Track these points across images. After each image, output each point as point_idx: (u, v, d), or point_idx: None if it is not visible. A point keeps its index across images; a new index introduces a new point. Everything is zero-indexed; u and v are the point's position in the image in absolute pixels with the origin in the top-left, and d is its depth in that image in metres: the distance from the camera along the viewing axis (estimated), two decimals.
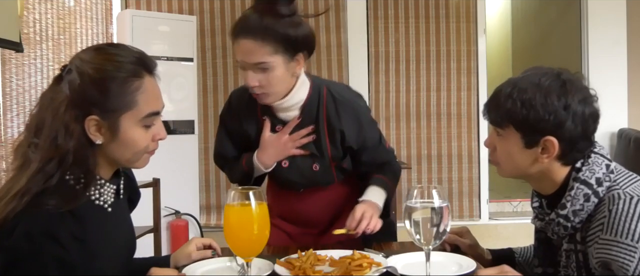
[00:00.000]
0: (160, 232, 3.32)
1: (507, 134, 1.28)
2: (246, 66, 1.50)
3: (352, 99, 1.67)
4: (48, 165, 1.07)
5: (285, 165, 1.68)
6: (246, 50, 1.48)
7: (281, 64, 1.50)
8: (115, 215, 1.21)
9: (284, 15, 1.48)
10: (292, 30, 1.49)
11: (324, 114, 1.63)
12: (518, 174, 1.32)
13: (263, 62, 1.48)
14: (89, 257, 1.10)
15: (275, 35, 1.47)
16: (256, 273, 1.30)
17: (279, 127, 1.64)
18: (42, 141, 1.09)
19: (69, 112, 1.09)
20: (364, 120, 1.66)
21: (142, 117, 1.15)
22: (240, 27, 1.49)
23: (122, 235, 1.28)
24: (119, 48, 1.18)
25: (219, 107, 4.05)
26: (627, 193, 1.18)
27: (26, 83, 2.92)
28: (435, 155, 4.08)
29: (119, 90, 1.12)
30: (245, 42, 1.48)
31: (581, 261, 1.25)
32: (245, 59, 1.49)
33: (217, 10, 4.04)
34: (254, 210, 1.14)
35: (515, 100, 1.23)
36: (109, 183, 1.19)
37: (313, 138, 1.62)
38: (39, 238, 1.02)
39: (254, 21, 1.47)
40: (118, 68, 1.13)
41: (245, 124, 1.67)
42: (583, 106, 1.22)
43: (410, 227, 1.20)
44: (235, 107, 1.69)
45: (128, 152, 1.16)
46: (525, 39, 6.06)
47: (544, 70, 1.27)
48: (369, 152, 1.70)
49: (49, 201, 1.05)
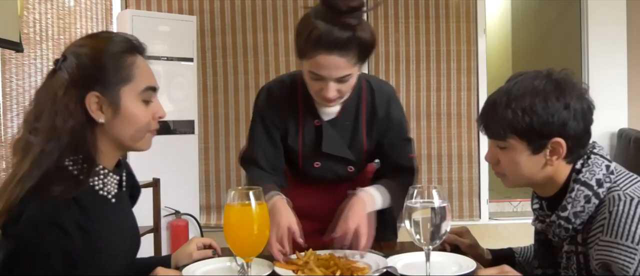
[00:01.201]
0: (160, 232, 3.32)
1: (511, 145, 1.26)
2: (328, 79, 1.46)
3: (389, 91, 1.69)
4: (48, 145, 1.09)
5: (317, 166, 1.68)
6: (333, 66, 1.43)
7: (357, 71, 1.50)
8: (118, 207, 1.22)
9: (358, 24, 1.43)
10: (367, 38, 1.45)
11: (363, 108, 1.64)
12: (526, 182, 1.31)
13: (348, 74, 1.46)
14: (92, 248, 1.11)
15: (358, 46, 1.43)
16: (256, 273, 1.30)
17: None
18: (41, 124, 1.11)
19: (68, 94, 1.12)
20: (393, 111, 1.66)
21: (140, 91, 1.18)
22: (324, 42, 1.41)
23: (126, 227, 1.29)
24: (110, 32, 1.24)
25: (219, 107, 4.06)
26: (628, 195, 1.18)
27: (26, 83, 2.92)
28: (435, 155, 4.08)
29: (115, 64, 1.15)
30: (331, 58, 1.42)
31: (582, 263, 1.25)
32: (330, 74, 1.44)
33: (217, 10, 4.04)
34: (254, 210, 1.15)
35: (515, 110, 1.22)
36: (112, 174, 1.20)
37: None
38: (44, 226, 1.04)
39: (339, 36, 1.40)
40: (112, 45, 1.17)
41: (286, 118, 1.65)
42: (580, 102, 1.23)
43: (410, 227, 1.20)
44: (276, 101, 1.66)
45: (131, 128, 1.18)
46: (525, 39, 6.05)
47: (534, 74, 1.26)
48: (390, 147, 1.67)
49: (53, 188, 1.06)
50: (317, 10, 1.43)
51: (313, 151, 1.66)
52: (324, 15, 1.41)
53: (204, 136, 4.05)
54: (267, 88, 1.71)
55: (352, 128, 1.65)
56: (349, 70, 1.45)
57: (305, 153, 1.68)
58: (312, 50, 1.43)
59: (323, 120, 1.63)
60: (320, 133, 1.64)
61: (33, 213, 1.04)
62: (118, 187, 1.23)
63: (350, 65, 1.44)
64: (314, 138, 1.65)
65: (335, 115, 1.64)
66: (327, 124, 1.64)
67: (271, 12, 4.05)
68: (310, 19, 1.43)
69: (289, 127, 1.66)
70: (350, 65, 1.44)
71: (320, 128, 1.64)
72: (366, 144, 1.66)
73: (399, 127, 1.68)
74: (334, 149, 1.65)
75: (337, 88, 1.48)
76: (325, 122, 1.64)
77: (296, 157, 1.69)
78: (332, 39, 1.40)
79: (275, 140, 1.67)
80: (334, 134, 1.64)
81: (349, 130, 1.65)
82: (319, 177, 1.71)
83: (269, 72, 4.03)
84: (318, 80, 1.47)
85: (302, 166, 1.70)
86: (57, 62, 1.16)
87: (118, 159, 1.24)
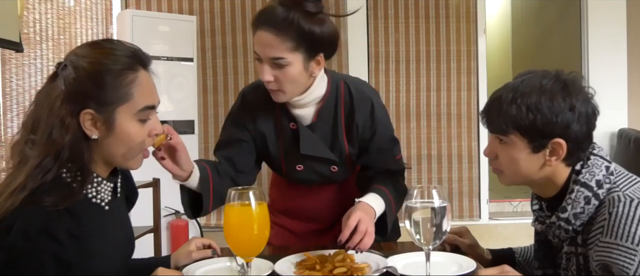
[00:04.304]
0: (160, 232, 3.32)
1: (511, 141, 1.26)
2: (263, 59, 1.43)
3: (369, 94, 1.62)
4: (45, 160, 1.07)
5: (299, 169, 1.64)
6: (265, 43, 1.40)
7: (300, 62, 1.43)
8: (112, 214, 1.21)
9: (311, 12, 1.40)
10: (317, 28, 1.41)
11: (341, 111, 1.59)
12: (522, 181, 1.31)
13: (281, 58, 1.41)
14: (86, 255, 1.10)
15: (299, 31, 1.39)
16: (256, 273, 1.30)
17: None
18: (38, 137, 1.09)
19: (64, 107, 1.09)
20: (377, 114, 1.61)
21: (137, 111, 1.15)
22: (263, 18, 1.41)
23: (120, 233, 1.27)
24: (114, 43, 1.18)
25: (219, 107, 4.06)
26: (628, 196, 1.18)
27: (26, 83, 2.92)
28: (435, 155, 4.08)
29: (114, 82, 1.12)
30: (265, 34, 1.40)
31: (581, 264, 1.25)
32: (263, 51, 1.42)
33: (217, 10, 4.04)
34: (254, 210, 1.14)
35: (520, 106, 1.22)
36: (106, 181, 1.19)
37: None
38: (35, 236, 1.02)
39: (279, 13, 1.38)
40: (113, 61, 1.13)
41: (259, 122, 1.61)
42: (586, 105, 1.23)
43: (410, 227, 1.20)
44: (249, 105, 1.63)
45: (123, 147, 1.16)
46: (525, 39, 6.05)
47: (542, 73, 1.26)
48: (376, 152, 1.63)
49: (45, 198, 1.05)
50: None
51: (293, 155, 1.62)
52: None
53: (204, 136, 4.05)
54: (242, 93, 1.67)
55: (331, 131, 1.60)
56: (285, 54, 1.40)
57: (287, 158, 1.64)
58: (254, 27, 1.43)
59: (300, 124, 1.59)
60: (298, 136, 1.59)
61: (25, 223, 1.03)
62: (112, 193, 1.22)
63: (285, 48, 1.39)
64: (293, 142, 1.61)
65: (311, 119, 1.59)
66: (304, 127, 1.59)
67: None
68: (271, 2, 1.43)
69: (266, 133, 1.61)
70: (286, 49, 1.40)
71: (297, 131, 1.60)
72: (348, 147, 1.62)
73: (385, 129, 1.65)
74: (313, 150, 1.60)
75: (274, 74, 1.43)
76: (302, 125, 1.59)
77: (279, 162, 1.66)
78: (270, 15, 1.39)
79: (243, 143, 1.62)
80: (312, 135, 1.59)
81: (328, 132, 1.61)
82: (306, 180, 1.68)
83: None
84: (258, 62, 1.45)
85: (286, 171, 1.67)
86: (59, 66, 1.14)
87: (113, 167, 1.23)
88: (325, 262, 1.33)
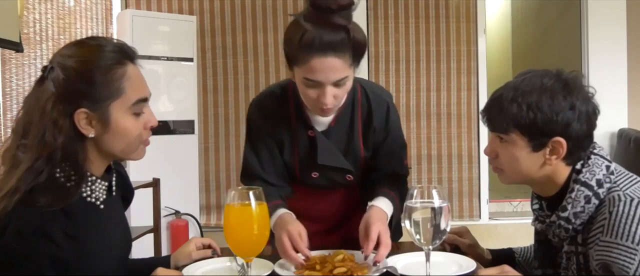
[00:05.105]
0: (160, 232, 3.33)
1: (512, 139, 1.26)
2: (325, 84, 1.38)
3: (385, 98, 1.64)
4: (37, 162, 1.07)
5: (315, 176, 1.64)
6: (331, 68, 1.36)
7: (352, 74, 1.43)
8: (107, 212, 1.21)
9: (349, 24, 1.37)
10: (360, 38, 1.39)
11: (358, 115, 1.59)
12: (522, 180, 1.31)
13: (345, 77, 1.39)
14: (83, 254, 1.10)
15: (352, 46, 1.37)
16: (256, 273, 1.30)
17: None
18: (30, 141, 1.08)
19: (56, 109, 1.09)
20: (392, 118, 1.62)
21: (131, 105, 1.15)
22: (320, 45, 1.34)
23: (116, 232, 1.27)
24: (99, 39, 1.18)
25: (219, 107, 4.06)
26: (628, 195, 1.18)
27: (26, 83, 2.92)
28: (435, 155, 4.08)
29: (104, 78, 1.11)
30: (328, 60, 1.35)
31: (582, 263, 1.25)
32: (327, 77, 1.37)
33: (217, 10, 4.05)
34: (254, 210, 1.15)
35: (521, 104, 1.22)
36: (100, 180, 1.19)
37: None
38: (31, 236, 1.02)
39: (330, 36, 1.34)
40: (101, 57, 1.12)
41: (277, 129, 1.59)
42: (586, 104, 1.23)
43: (410, 227, 1.20)
44: (268, 114, 1.60)
45: (121, 142, 1.16)
46: (525, 39, 6.05)
47: (543, 72, 1.26)
48: (386, 156, 1.63)
49: (40, 199, 1.04)
50: (305, 13, 1.37)
51: (309, 163, 1.61)
52: (312, 18, 1.35)
53: (204, 136, 4.05)
54: (256, 101, 1.65)
55: (347, 136, 1.60)
56: (346, 72, 1.39)
57: (302, 166, 1.63)
58: (304, 55, 1.36)
59: (317, 130, 1.58)
60: (315, 145, 1.58)
61: (20, 224, 1.03)
62: (107, 191, 1.22)
63: (346, 66, 1.38)
64: (309, 150, 1.60)
65: (329, 124, 1.58)
66: (321, 134, 1.58)
67: (271, 12, 4.05)
68: (299, 24, 1.36)
69: (283, 140, 1.60)
70: (346, 67, 1.38)
71: (314, 139, 1.58)
72: (363, 151, 1.62)
73: (397, 134, 1.66)
74: (330, 160, 1.59)
75: (334, 93, 1.41)
76: (319, 132, 1.58)
77: (293, 169, 1.65)
78: (325, 40, 1.34)
79: (274, 151, 1.61)
80: (329, 145, 1.59)
81: (345, 138, 1.60)
82: (318, 185, 1.68)
83: (269, 72, 4.03)
84: (314, 87, 1.40)
85: (299, 178, 1.66)
86: (46, 69, 1.13)
87: (108, 165, 1.22)
88: (325, 262, 1.33)
